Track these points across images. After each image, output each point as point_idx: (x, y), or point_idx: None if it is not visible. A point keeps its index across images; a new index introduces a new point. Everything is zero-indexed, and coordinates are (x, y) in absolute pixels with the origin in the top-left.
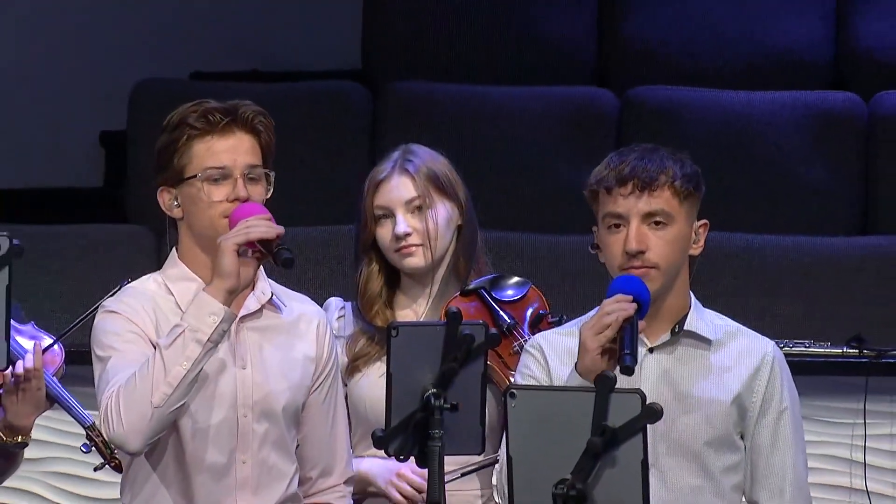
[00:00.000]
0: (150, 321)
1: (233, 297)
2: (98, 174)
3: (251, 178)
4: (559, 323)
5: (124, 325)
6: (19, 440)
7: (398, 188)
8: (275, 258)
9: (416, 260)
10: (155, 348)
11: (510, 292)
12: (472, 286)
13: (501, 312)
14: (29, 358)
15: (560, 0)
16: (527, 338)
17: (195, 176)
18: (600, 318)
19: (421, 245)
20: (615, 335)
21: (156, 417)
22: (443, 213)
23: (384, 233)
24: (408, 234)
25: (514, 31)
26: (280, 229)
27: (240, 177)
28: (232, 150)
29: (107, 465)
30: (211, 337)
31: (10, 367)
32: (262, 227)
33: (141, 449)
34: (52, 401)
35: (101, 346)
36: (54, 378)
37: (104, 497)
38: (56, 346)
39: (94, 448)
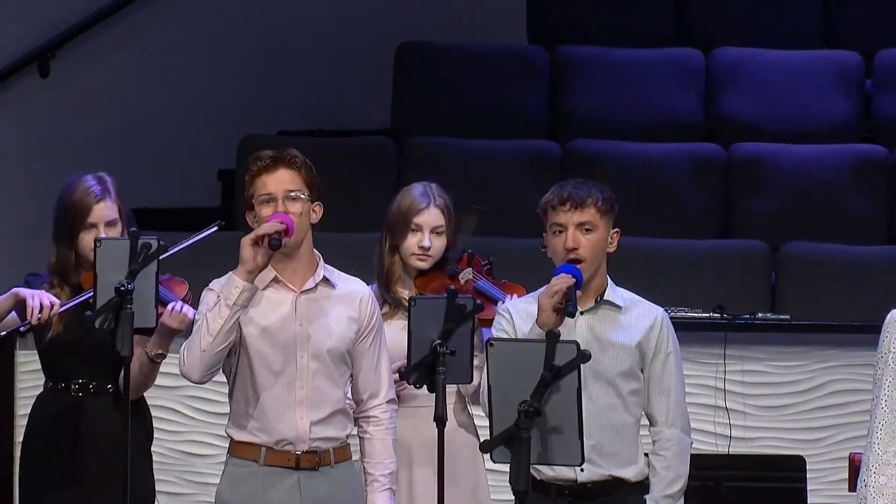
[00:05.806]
0: None
1: (252, 275)
2: (216, 199)
3: (291, 198)
4: (489, 261)
5: (213, 299)
6: (160, 352)
7: (433, 216)
8: (270, 243)
9: (424, 265)
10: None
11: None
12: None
13: (447, 266)
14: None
15: (523, 79)
16: (465, 271)
17: (254, 201)
18: (551, 288)
19: (430, 257)
20: (562, 298)
21: (204, 358)
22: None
23: (413, 241)
24: (428, 249)
25: (493, 101)
26: (279, 227)
27: (281, 199)
28: (275, 181)
29: None
30: (236, 302)
31: (169, 308)
32: (267, 226)
33: (200, 380)
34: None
35: (198, 311)
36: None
37: (218, 411)
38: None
39: None
